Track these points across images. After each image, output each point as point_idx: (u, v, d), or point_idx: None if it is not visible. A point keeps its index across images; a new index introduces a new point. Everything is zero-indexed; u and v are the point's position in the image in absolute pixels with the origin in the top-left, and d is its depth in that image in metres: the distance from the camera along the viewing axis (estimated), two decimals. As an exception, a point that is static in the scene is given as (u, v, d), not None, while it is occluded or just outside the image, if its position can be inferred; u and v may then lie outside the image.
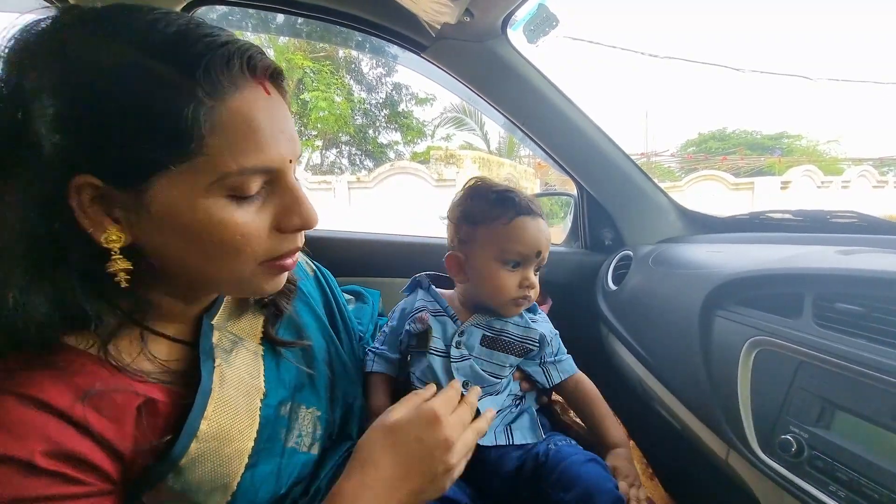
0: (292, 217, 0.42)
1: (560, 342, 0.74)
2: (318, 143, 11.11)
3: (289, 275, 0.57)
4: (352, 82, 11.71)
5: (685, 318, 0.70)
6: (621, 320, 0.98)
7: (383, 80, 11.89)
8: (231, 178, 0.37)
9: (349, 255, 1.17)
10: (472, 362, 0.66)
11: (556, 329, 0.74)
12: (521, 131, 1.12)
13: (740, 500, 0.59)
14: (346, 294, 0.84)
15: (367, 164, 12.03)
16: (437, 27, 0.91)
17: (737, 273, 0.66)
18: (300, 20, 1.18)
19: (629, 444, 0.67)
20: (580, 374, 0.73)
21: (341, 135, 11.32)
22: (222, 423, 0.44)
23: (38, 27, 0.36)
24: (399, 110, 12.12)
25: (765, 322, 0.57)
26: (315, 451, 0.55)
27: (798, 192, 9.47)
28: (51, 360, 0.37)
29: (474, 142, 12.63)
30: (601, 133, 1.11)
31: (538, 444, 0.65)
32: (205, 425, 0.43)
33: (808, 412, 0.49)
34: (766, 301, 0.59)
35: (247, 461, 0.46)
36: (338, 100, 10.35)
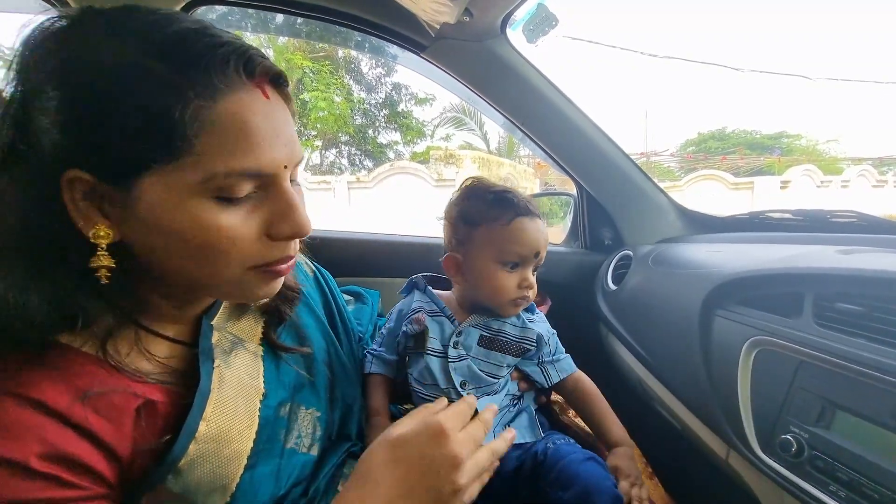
0: (283, 224, 0.41)
1: (558, 341, 0.74)
2: (318, 143, 11.12)
3: (294, 283, 0.57)
4: (351, 82, 11.71)
5: (685, 317, 0.70)
6: (621, 320, 0.98)
7: (383, 79, 11.91)
8: (218, 179, 0.37)
9: (349, 255, 1.16)
10: (469, 362, 0.66)
11: (555, 329, 0.74)
12: (521, 131, 1.11)
13: (740, 500, 0.59)
14: (345, 295, 0.84)
15: (366, 164, 12.04)
16: (437, 27, 0.91)
17: (737, 273, 0.66)
18: (299, 20, 1.18)
19: (631, 443, 0.67)
20: (579, 372, 0.72)
21: (341, 135, 11.32)
22: (221, 425, 0.44)
23: (48, 27, 0.36)
24: (398, 110, 12.13)
25: (765, 322, 0.57)
26: (314, 451, 0.54)
27: (798, 191, 9.47)
28: (49, 360, 0.37)
29: (474, 142, 12.64)
30: (601, 133, 1.11)
31: (537, 442, 0.64)
32: (203, 426, 0.43)
33: (808, 412, 0.49)
34: (766, 301, 0.59)
35: (246, 462, 0.46)
36: (337, 100, 10.34)
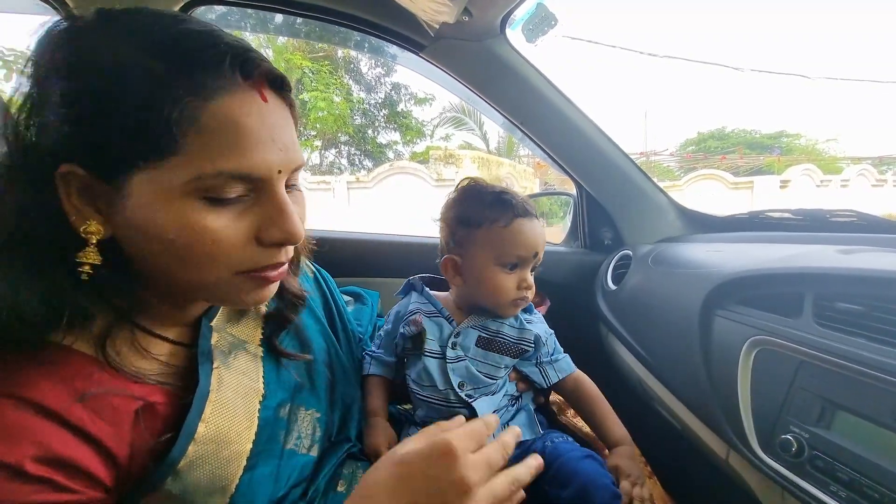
0: (273, 229, 0.40)
1: (556, 342, 0.73)
2: (317, 143, 11.12)
3: (299, 290, 0.56)
4: (351, 82, 11.71)
5: (685, 317, 0.70)
6: (621, 320, 0.97)
7: (382, 79, 11.91)
8: (206, 179, 0.36)
9: (348, 255, 1.16)
10: (467, 363, 0.66)
11: (554, 328, 0.74)
12: (521, 131, 1.11)
13: (740, 500, 0.59)
14: (345, 295, 0.83)
15: (366, 164, 12.04)
16: (436, 26, 0.91)
17: (736, 272, 0.66)
18: (299, 20, 1.18)
19: (632, 443, 0.67)
20: (579, 372, 0.72)
21: (340, 135, 11.32)
22: (220, 426, 0.44)
23: (63, 28, 0.37)
24: (398, 110, 12.13)
25: (765, 321, 0.57)
26: (314, 452, 0.54)
27: (797, 190, 9.47)
28: (48, 360, 0.37)
29: (473, 141, 12.65)
30: (600, 132, 1.11)
31: (535, 440, 0.65)
32: (202, 428, 0.43)
33: (808, 412, 0.49)
34: (766, 300, 0.59)
35: (245, 463, 0.46)
36: (337, 100, 10.35)
